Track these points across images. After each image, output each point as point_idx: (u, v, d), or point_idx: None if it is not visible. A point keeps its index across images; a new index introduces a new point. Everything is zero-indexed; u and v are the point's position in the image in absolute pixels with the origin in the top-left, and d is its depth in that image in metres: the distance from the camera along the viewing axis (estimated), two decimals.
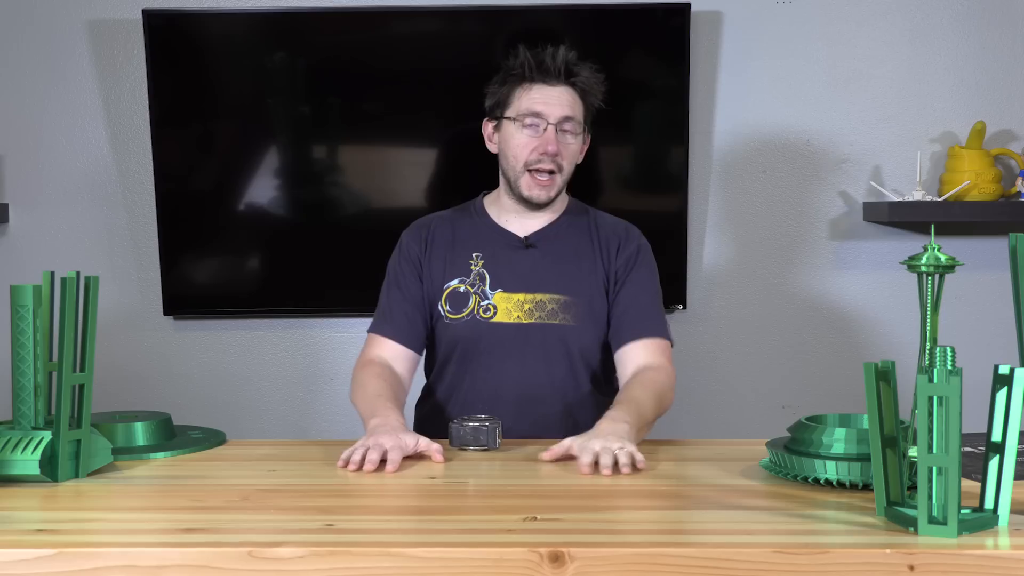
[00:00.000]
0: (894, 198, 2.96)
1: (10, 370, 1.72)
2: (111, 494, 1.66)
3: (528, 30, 2.88)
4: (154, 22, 2.91)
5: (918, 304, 1.57)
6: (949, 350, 1.43)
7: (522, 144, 2.18)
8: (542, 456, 1.84)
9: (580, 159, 2.27)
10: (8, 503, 1.59)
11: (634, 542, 1.38)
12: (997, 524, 1.41)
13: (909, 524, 1.40)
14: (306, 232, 3.04)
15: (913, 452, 1.51)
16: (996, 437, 1.41)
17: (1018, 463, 1.48)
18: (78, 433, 1.72)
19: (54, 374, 1.73)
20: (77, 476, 1.72)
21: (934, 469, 1.38)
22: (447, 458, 1.86)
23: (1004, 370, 1.39)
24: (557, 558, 1.32)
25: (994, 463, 1.41)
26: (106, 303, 2.91)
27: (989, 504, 1.42)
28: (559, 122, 2.17)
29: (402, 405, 2.11)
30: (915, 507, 1.41)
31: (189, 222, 3.02)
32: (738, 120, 3.04)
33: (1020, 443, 1.44)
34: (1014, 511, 1.44)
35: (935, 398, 1.37)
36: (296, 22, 2.98)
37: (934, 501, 1.38)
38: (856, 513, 1.50)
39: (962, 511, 1.40)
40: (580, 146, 2.24)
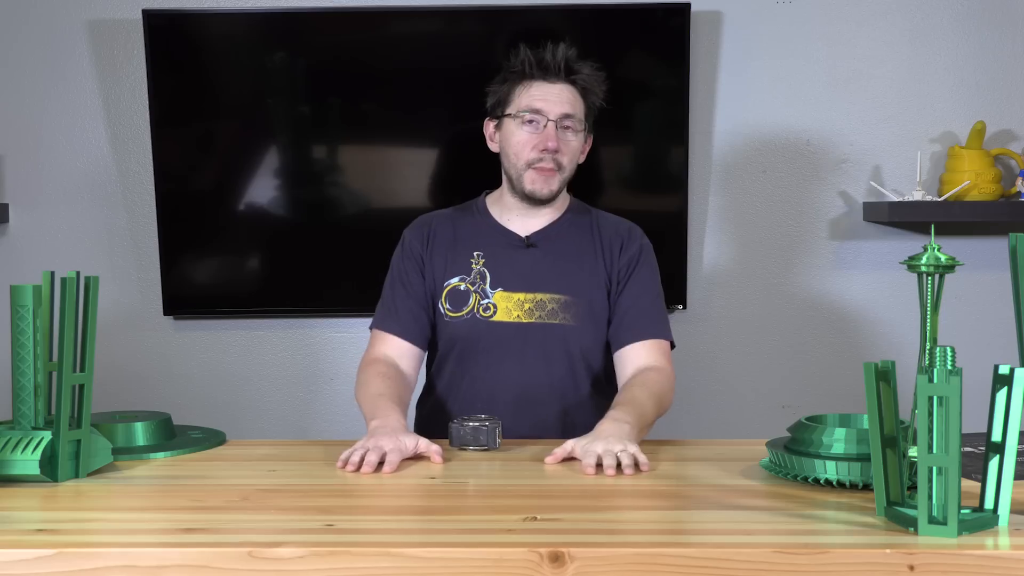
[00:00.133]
0: (894, 198, 2.96)
1: (10, 370, 1.72)
2: (111, 494, 1.66)
3: (528, 30, 2.88)
4: (154, 22, 2.91)
5: (918, 304, 1.57)
6: (949, 350, 1.43)
7: (523, 141, 2.19)
8: (546, 460, 1.84)
9: (582, 159, 2.27)
10: (8, 503, 1.59)
11: (634, 542, 1.38)
12: (997, 524, 1.41)
13: (909, 524, 1.40)
14: (306, 232, 3.04)
15: (913, 452, 1.51)
16: (996, 437, 1.41)
17: (1018, 463, 1.48)
18: (78, 433, 1.72)
19: (54, 374, 1.73)
20: (77, 476, 1.72)
21: (934, 469, 1.38)
22: (447, 458, 1.86)
23: (1004, 370, 1.39)
24: (557, 558, 1.32)
25: (994, 463, 1.41)
26: (106, 303, 2.91)
27: (989, 504, 1.42)
28: (559, 119, 2.17)
29: (406, 404, 2.11)
30: (915, 507, 1.41)
31: (189, 222, 3.02)
32: (738, 120, 3.04)
33: (1020, 443, 1.44)
34: (1014, 511, 1.44)
35: (935, 398, 1.37)
36: (296, 22, 2.98)
37: (934, 501, 1.38)
38: (856, 513, 1.50)
39: (962, 511, 1.40)
40: (581, 144, 2.23)
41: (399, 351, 2.21)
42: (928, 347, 1.54)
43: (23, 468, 1.66)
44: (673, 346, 2.23)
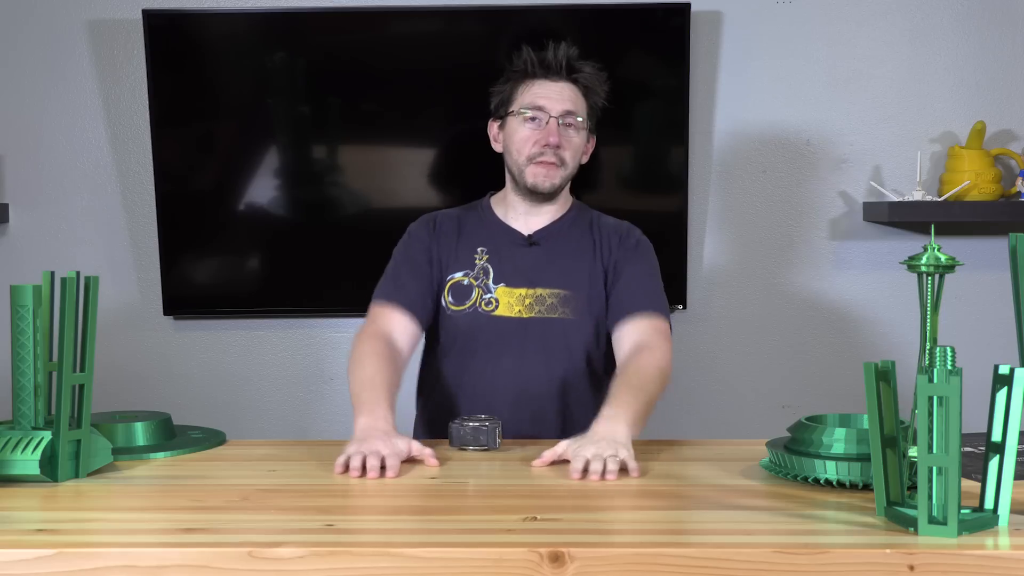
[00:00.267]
0: (894, 198, 2.96)
1: (10, 370, 1.72)
2: (111, 494, 1.66)
3: (528, 30, 2.87)
4: (154, 22, 2.91)
5: (918, 304, 1.57)
6: (949, 350, 1.43)
7: (525, 137, 2.20)
8: (534, 464, 1.83)
9: (585, 160, 2.28)
10: (8, 503, 1.59)
11: (634, 542, 1.39)
12: (997, 524, 1.41)
13: (909, 524, 1.40)
14: (306, 232, 3.04)
15: (913, 452, 1.51)
16: (996, 437, 1.41)
17: (1018, 463, 1.48)
18: (78, 433, 1.72)
19: (54, 374, 1.73)
20: (77, 476, 1.72)
21: (934, 469, 1.38)
22: (447, 458, 1.86)
23: (1004, 370, 1.39)
24: (557, 558, 1.32)
25: (994, 463, 1.41)
26: (106, 303, 2.91)
27: (989, 504, 1.42)
28: (561, 115, 2.19)
29: (396, 388, 2.07)
30: (915, 507, 1.41)
31: (189, 222, 3.02)
32: (738, 120, 3.04)
33: (1020, 443, 1.44)
34: (1014, 511, 1.44)
35: (935, 398, 1.37)
36: (296, 22, 2.98)
37: (934, 501, 1.38)
38: (856, 513, 1.50)
39: (962, 511, 1.40)
40: (583, 142, 2.24)
41: (400, 327, 2.18)
42: (928, 347, 1.54)
43: (23, 468, 1.66)
44: (671, 328, 2.22)
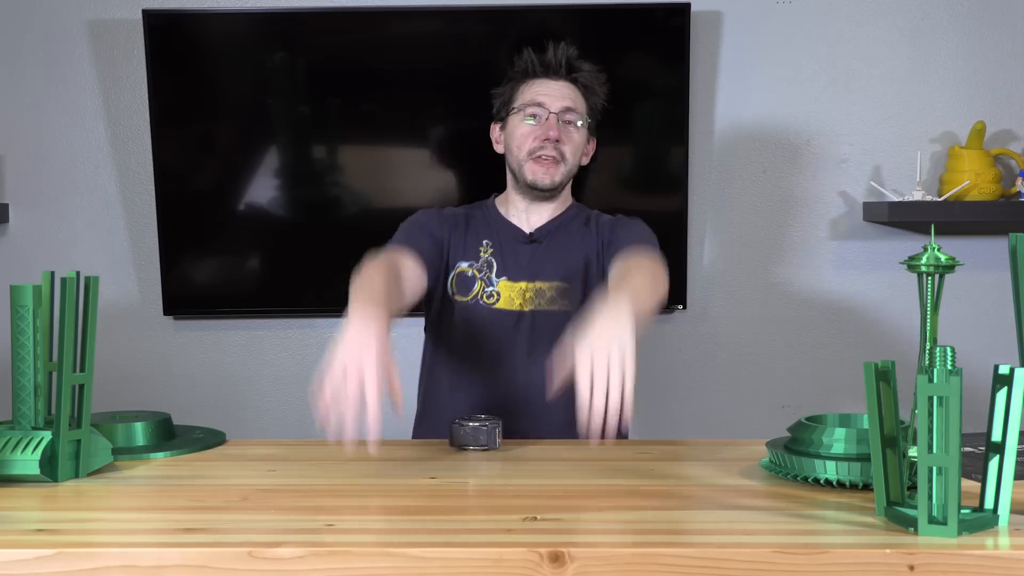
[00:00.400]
0: (894, 198, 2.96)
1: (10, 370, 1.72)
2: (111, 494, 1.66)
3: (528, 30, 2.88)
4: (154, 22, 2.91)
5: (918, 304, 1.57)
6: (949, 350, 1.43)
7: (524, 133, 2.23)
8: (549, 398, 1.81)
9: (585, 161, 2.29)
10: (8, 503, 1.59)
11: (634, 542, 1.38)
12: (997, 524, 1.41)
13: (909, 524, 1.40)
14: (306, 232, 3.04)
15: (913, 452, 1.51)
16: (996, 437, 1.41)
17: (1018, 463, 1.48)
18: (78, 433, 1.72)
19: (54, 374, 1.73)
20: (77, 476, 1.72)
21: (934, 469, 1.38)
22: (447, 458, 1.85)
23: (1004, 370, 1.39)
24: (557, 558, 1.32)
25: (994, 463, 1.41)
26: (106, 303, 2.91)
27: (989, 504, 1.42)
28: (561, 112, 2.22)
29: (398, 305, 2.00)
30: (915, 507, 1.41)
31: (189, 222, 3.02)
32: (738, 120, 3.04)
33: (1020, 443, 1.44)
34: (1014, 511, 1.44)
35: (935, 398, 1.37)
36: (296, 22, 2.98)
37: (934, 501, 1.38)
38: (856, 513, 1.49)
39: (962, 511, 1.39)
40: (584, 140, 2.26)
41: (410, 267, 2.14)
42: (928, 347, 1.54)
43: (23, 468, 1.66)
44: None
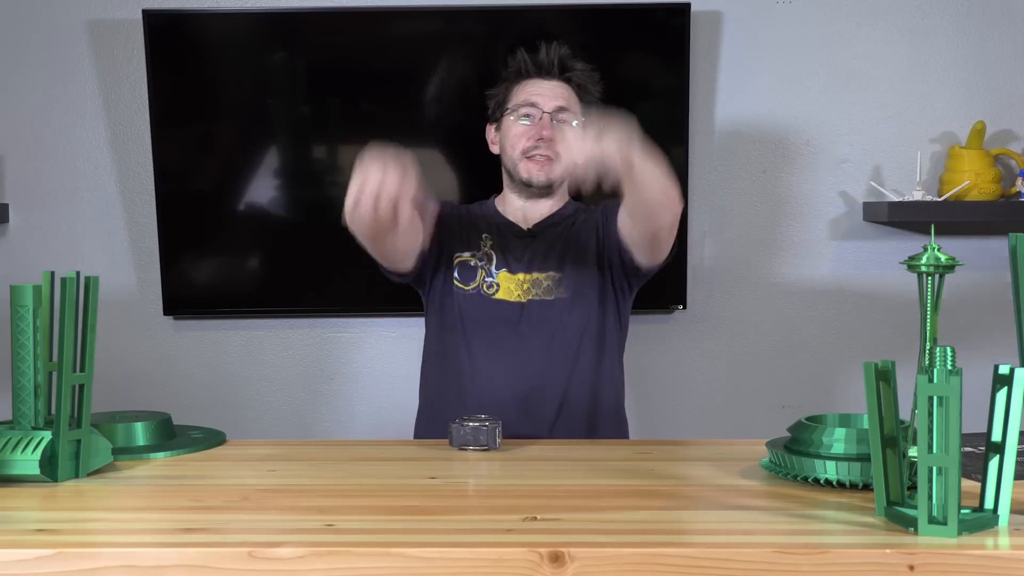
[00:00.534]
0: (894, 198, 2.96)
1: (10, 370, 1.72)
2: (111, 494, 1.66)
3: (528, 30, 2.88)
4: (154, 22, 2.91)
5: (918, 304, 1.57)
6: (949, 350, 1.43)
7: (518, 133, 2.26)
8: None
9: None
10: (8, 503, 1.59)
11: (634, 542, 1.38)
12: (997, 524, 1.41)
13: (909, 524, 1.40)
14: (306, 232, 3.03)
15: (913, 452, 1.51)
16: (996, 437, 1.41)
17: (1018, 463, 1.48)
18: (78, 433, 1.72)
19: (54, 374, 1.73)
20: (77, 476, 1.72)
21: (934, 469, 1.38)
22: (447, 458, 1.86)
23: (1004, 370, 1.39)
24: (557, 558, 1.32)
25: (994, 463, 1.41)
26: (106, 303, 2.91)
27: (989, 504, 1.42)
28: (554, 111, 2.24)
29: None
30: (915, 507, 1.41)
31: (189, 222, 3.02)
32: (738, 120, 3.04)
33: (1020, 443, 1.44)
34: (1014, 511, 1.44)
35: (935, 398, 1.37)
36: (296, 22, 2.98)
37: (934, 501, 1.38)
38: (856, 513, 1.49)
39: (962, 511, 1.39)
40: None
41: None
42: (928, 347, 1.54)
43: (23, 468, 1.66)
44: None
